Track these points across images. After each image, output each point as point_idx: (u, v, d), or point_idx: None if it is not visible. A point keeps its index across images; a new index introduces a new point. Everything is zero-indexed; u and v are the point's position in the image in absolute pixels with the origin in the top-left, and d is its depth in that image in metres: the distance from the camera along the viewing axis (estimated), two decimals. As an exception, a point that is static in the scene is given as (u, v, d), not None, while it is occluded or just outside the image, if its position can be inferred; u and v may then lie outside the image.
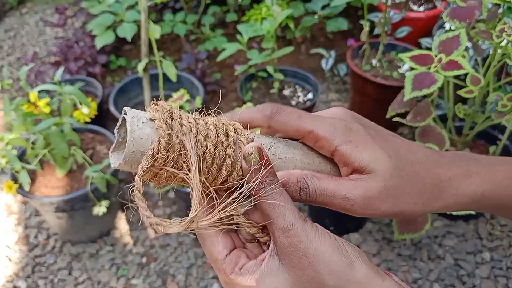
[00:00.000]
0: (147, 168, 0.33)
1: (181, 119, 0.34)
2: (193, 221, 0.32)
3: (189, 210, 0.32)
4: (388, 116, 1.12)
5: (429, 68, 0.97)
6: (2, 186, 1.62)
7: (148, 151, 0.32)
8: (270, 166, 0.34)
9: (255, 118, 0.37)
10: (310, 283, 0.32)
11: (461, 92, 1.02)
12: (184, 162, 0.33)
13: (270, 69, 1.59)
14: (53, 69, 1.89)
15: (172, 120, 0.33)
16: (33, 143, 1.28)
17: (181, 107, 1.44)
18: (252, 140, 0.36)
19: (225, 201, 0.34)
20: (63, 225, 1.37)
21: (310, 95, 1.67)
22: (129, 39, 1.70)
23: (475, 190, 0.38)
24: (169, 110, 0.34)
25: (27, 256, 1.43)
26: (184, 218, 0.32)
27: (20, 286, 1.35)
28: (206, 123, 0.35)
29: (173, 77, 1.44)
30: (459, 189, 0.37)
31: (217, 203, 0.34)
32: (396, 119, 1.11)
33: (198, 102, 1.46)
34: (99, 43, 1.75)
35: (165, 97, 1.57)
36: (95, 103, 1.32)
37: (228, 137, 0.34)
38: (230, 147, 0.34)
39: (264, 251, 0.37)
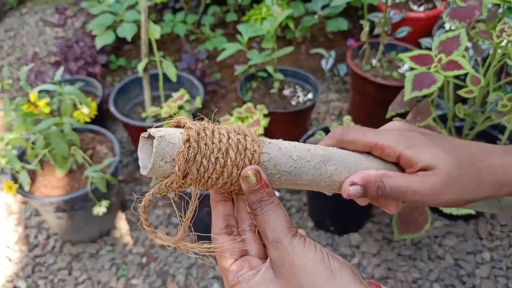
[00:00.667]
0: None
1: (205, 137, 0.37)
2: (178, 242, 0.39)
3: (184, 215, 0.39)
4: (388, 116, 1.12)
5: (429, 68, 0.97)
6: (2, 186, 1.62)
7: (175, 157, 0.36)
8: (266, 187, 0.38)
9: (329, 144, 0.44)
10: None
11: (461, 92, 1.02)
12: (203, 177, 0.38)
13: (270, 69, 1.59)
14: (53, 69, 1.89)
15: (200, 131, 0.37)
16: (33, 143, 1.28)
17: (180, 107, 1.44)
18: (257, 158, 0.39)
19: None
20: (63, 225, 1.38)
21: (310, 95, 1.67)
22: (129, 39, 1.70)
23: None
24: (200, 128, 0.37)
25: (27, 256, 1.43)
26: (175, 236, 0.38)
27: (20, 286, 1.35)
28: (228, 137, 0.38)
29: (173, 77, 1.44)
30: (502, 175, 0.41)
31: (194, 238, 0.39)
32: (396, 119, 1.11)
33: (198, 102, 1.46)
34: (99, 43, 1.75)
35: (165, 97, 1.57)
36: (95, 103, 1.32)
37: (239, 144, 0.38)
38: (241, 153, 0.38)
39: (265, 261, 0.40)
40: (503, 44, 0.94)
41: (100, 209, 1.28)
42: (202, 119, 0.39)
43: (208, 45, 1.99)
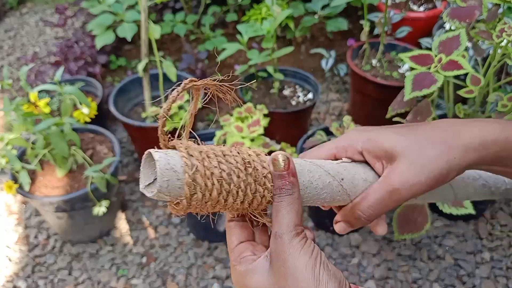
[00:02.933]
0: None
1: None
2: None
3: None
4: (388, 116, 1.12)
5: (429, 68, 0.97)
6: (2, 186, 1.62)
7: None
8: (291, 176, 0.38)
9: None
10: None
11: (461, 92, 1.02)
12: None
13: (270, 69, 1.59)
14: (53, 69, 1.89)
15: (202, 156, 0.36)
16: (33, 143, 1.28)
17: (180, 107, 1.44)
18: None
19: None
20: (63, 225, 1.37)
21: (310, 95, 1.67)
22: (129, 39, 1.70)
23: (499, 133, 0.39)
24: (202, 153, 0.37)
25: (27, 256, 1.43)
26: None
27: (20, 286, 1.35)
28: (236, 159, 0.38)
29: (173, 77, 1.44)
30: (481, 134, 0.39)
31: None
32: (396, 119, 1.11)
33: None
34: (99, 43, 1.75)
35: (165, 97, 1.57)
36: (95, 103, 1.32)
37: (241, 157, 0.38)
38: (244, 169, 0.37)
39: (267, 248, 0.40)
40: (503, 44, 0.94)
41: (100, 209, 1.28)
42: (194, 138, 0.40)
43: (208, 45, 1.99)
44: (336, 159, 0.43)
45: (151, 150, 0.36)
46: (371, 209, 0.40)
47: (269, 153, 0.39)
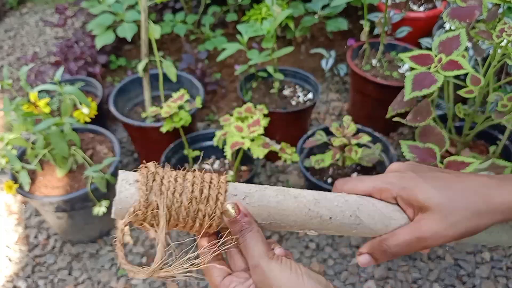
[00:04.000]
0: (128, 222, 0.41)
1: (162, 180, 0.42)
2: (155, 271, 0.41)
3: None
4: (388, 116, 1.12)
5: (429, 68, 0.97)
6: (2, 186, 1.62)
7: (130, 209, 0.40)
8: (245, 217, 0.42)
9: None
10: None
11: (461, 92, 1.02)
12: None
13: (270, 69, 1.59)
14: (53, 69, 1.89)
15: (153, 182, 0.41)
16: (33, 143, 1.28)
17: (180, 107, 1.44)
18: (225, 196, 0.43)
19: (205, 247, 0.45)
20: (63, 225, 1.37)
21: (310, 95, 1.67)
22: (129, 39, 1.70)
23: None
24: (153, 172, 0.42)
25: (27, 256, 1.43)
26: (149, 267, 0.41)
27: (20, 286, 1.35)
28: (185, 180, 0.42)
29: (173, 77, 1.44)
30: (508, 193, 0.42)
31: (175, 258, 0.42)
32: (396, 119, 1.11)
33: (198, 102, 1.46)
34: (99, 43, 1.75)
35: (165, 97, 1.57)
36: (95, 103, 1.32)
37: (202, 193, 0.42)
38: (202, 203, 0.42)
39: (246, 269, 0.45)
40: (503, 44, 0.94)
41: (100, 209, 1.28)
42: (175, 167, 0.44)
43: (208, 45, 1.99)
44: (370, 195, 0.46)
45: (120, 175, 0.42)
46: (398, 248, 0.43)
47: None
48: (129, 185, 0.41)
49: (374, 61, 1.68)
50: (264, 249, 0.42)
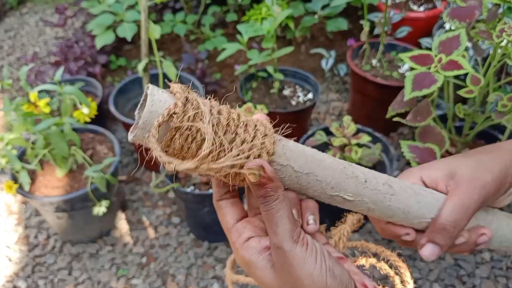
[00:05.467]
0: (163, 122, 0.34)
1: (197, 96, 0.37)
2: (204, 163, 0.33)
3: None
4: (388, 116, 1.12)
5: (429, 68, 0.97)
6: (2, 186, 1.62)
7: (165, 111, 0.34)
8: (270, 181, 0.36)
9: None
10: None
11: (461, 92, 1.02)
12: (197, 131, 0.35)
13: (270, 69, 1.59)
14: (53, 69, 1.89)
15: (188, 93, 0.36)
16: (33, 143, 1.28)
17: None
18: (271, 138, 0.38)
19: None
20: (63, 225, 1.37)
21: (310, 95, 1.67)
22: (129, 39, 1.70)
23: None
24: (187, 88, 0.37)
25: (27, 256, 1.43)
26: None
27: (20, 286, 1.35)
28: (229, 112, 0.38)
29: (173, 77, 1.44)
30: None
31: (228, 150, 0.35)
32: (396, 119, 1.11)
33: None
34: (99, 43, 1.75)
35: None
36: (95, 103, 1.32)
37: (239, 118, 0.37)
38: (240, 127, 0.36)
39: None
40: (503, 44, 0.94)
41: (100, 209, 1.28)
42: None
43: (208, 45, 1.99)
44: None
45: (150, 85, 0.36)
46: (454, 216, 0.40)
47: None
48: (162, 92, 0.35)
49: (374, 61, 1.68)
50: (290, 227, 0.36)
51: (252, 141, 0.36)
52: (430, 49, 1.12)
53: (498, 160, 0.42)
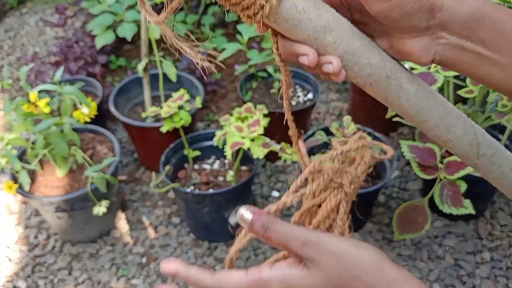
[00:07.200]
0: None
1: None
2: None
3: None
4: (388, 116, 1.12)
5: (429, 68, 0.97)
6: (2, 186, 1.62)
7: None
8: (263, 216, 0.38)
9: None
10: (339, 278, 0.36)
11: (461, 92, 1.02)
12: None
13: (270, 69, 1.59)
14: (53, 69, 1.89)
15: None
16: (33, 143, 1.28)
17: (180, 107, 1.44)
18: None
19: None
20: (63, 225, 1.38)
21: (310, 95, 1.67)
22: (129, 39, 1.70)
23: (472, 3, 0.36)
24: None
25: (27, 256, 1.43)
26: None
27: (20, 286, 1.35)
28: None
29: (173, 77, 1.44)
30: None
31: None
32: (396, 119, 1.11)
33: (198, 102, 1.46)
34: (99, 43, 1.75)
35: (165, 97, 1.57)
36: (95, 103, 1.32)
37: None
38: None
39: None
40: (503, 44, 0.93)
41: (100, 209, 1.28)
42: None
43: (208, 45, 1.99)
44: None
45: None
46: None
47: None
48: None
49: (374, 61, 1.68)
50: (300, 228, 0.38)
51: None
52: (430, 49, 1.12)
53: None
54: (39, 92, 1.27)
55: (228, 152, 1.21)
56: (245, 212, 0.38)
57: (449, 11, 0.36)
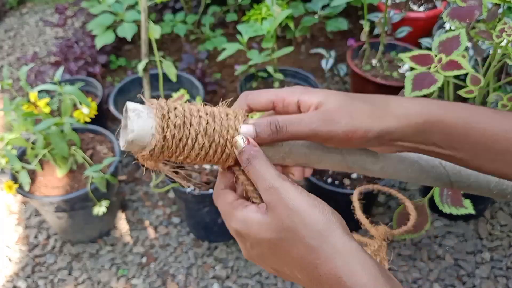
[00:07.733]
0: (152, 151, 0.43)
1: (175, 110, 0.42)
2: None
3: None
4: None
5: (429, 68, 0.97)
6: (2, 186, 1.62)
7: (151, 141, 0.43)
8: (253, 147, 0.40)
9: (240, 107, 0.45)
10: (287, 231, 0.37)
11: (461, 92, 1.02)
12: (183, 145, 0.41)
13: (270, 69, 1.59)
14: (53, 69, 1.89)
15: (168, 112, 0.42)
16: (33, 143, 1.28)
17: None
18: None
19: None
20: (63, 225, 1.38)
21: (310, 95, 1.66)
22: (129, 39, 1.70)
23: (422, 108, 0.40)
24: (164, 104, 0.43)
25: (27, 256, 1.43)
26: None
27: (20, 286, 1.35)
28: (199, 111, 0.43)
29: (173, 77, 1.44)
30: (407, 105, 0.41)
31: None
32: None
33: (198, 102, 1.46)
34: (99, 43, 1.75)
35: (165, 97, 1.57)
36: (95, 103, 1.32)
37: (216, 124, 0.42)
38: (218, 133, 0.41)
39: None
40: (503, 44, 0.94)
41: (100, 209, 1.28)
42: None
43: (208, 45, 1.99)
44: (274, 107, 0.44)
45: (128, 102, 0.41)
46: (287, 123, 0.40)
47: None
48: (142, 108, 0.41)
49: (374, 61, 1.68)
50: (276, 172, 0.39)
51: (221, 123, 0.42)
52: (430, 49, 1.12)
53: (368, 113, 0.40)
54: (39, 92, 1.27)
55: (228, 152, 1.21)
56: (239, 140, 0.41)
57: (397, 131, 0.40)
